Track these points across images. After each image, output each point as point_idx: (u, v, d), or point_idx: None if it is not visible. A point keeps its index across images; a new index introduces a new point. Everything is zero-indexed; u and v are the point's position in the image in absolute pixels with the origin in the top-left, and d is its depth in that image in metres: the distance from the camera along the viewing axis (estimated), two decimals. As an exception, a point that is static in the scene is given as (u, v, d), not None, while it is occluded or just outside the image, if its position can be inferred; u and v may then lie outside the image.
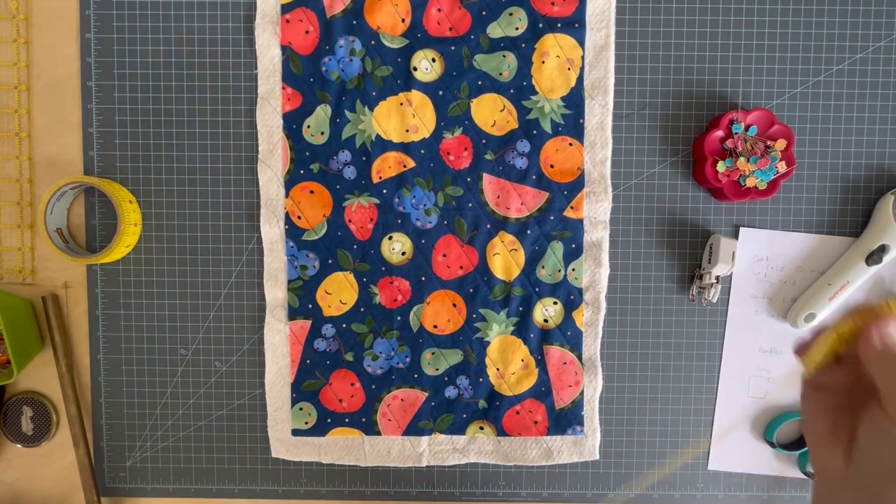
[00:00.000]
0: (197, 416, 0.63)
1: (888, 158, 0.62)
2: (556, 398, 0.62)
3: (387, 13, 0.60)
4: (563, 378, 0.62)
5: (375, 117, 0.60)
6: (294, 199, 0.61)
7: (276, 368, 0.62)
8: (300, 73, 0.60)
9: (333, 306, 0.62)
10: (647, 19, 0.61)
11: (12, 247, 0.63)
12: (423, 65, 0.60)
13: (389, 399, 0.62)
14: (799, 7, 0.61)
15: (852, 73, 0.61)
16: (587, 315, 0.62)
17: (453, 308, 0.61)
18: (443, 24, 0.60)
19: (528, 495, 0.64)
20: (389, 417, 0.62)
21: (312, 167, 0.60)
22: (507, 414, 0.62)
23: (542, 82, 0.60)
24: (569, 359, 0.62)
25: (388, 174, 0.60)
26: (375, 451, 0.63)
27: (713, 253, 0.60)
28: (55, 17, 0.61)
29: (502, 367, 0.62)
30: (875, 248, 0.59)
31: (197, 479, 0.64)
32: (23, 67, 0.62)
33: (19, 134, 0.62)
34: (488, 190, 0.61)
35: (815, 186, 0.62)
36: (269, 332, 0.62)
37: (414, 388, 0.62)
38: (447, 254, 0.61)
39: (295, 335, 0.62)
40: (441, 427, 0.63)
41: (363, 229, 0.61)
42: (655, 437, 0.64)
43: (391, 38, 0.60)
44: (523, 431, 0.62)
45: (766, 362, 0.63)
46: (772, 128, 0.59)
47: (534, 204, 0.61)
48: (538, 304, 0.62)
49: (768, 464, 0.64)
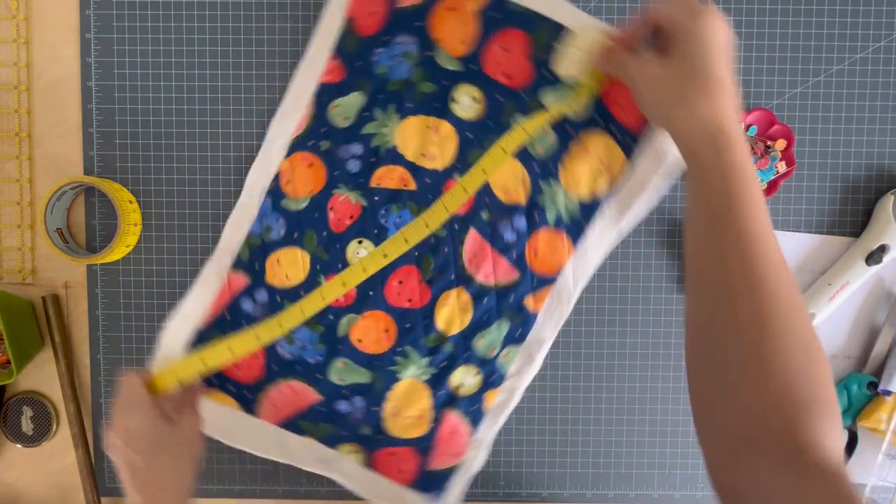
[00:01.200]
0: (197, 416, 0.63)
1: (888, 158, 0.62)
2: (433, 459, 0.60)
3: (452, 29, 0.57)
4: (449, 445, 0.60)
5: (401, 129, 0.58)
6: (292, 164, 0.59)
7: (193, 307, 0.59)
8: (350, 51, 0.58)
9: (278, 277, 0.59)
10: (647, 19, 0.61)
11: (12, 247, 0.63)
12: (464, 100, 0.58)
13: (284, 386, 0.60)
14: (799, 7, 0.61)
15: (852, 73, 0.61)
16: (498, 400, 0.61)
17: (384, 332, 0.59)
18: (501, 65, 0.57)
19: (528, 495, 0.64)
20: (275, 404, 0.60)
21: (322, 144, 0.59)
22: (382, 451, 0.60)
23: (570, 174, 0.57)
24: (463, 431, 0.60)
25: (387, 185, 0.59)
26: (241, 427, 0.60)
27: (713, 253, 0.60)
28: (55, 17, 0.61)
29: (401, 408, 0.60)
30: (875, 248, 0.59)
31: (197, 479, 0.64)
32: (23, 67, 0.62)
33: (19, 134, 0.62)
34: (469, 245, 0.58)
35: (815, 186, 0.62)
36: (208, 271, 0.59)
37: (312, 386, 0.60)
38: (403, 282, 0.59)
39: (229, 285, 0.59)
40: (317, 433, 0.60)
41: (340, 222, 0.59)
42: (655, 437, 0.64)
43: (448, 56, 0.57)
44: (389, 473, 0.60)
45: (766, 362, 0.63)
46: (772, 128, 0.59)
47: (503, 278, 0.59)
48: (460, 368, 0.60)
49: (768, 464, 0.64)
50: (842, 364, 0.63)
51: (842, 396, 0.61)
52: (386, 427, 0.60)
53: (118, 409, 0.51)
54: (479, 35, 0.57)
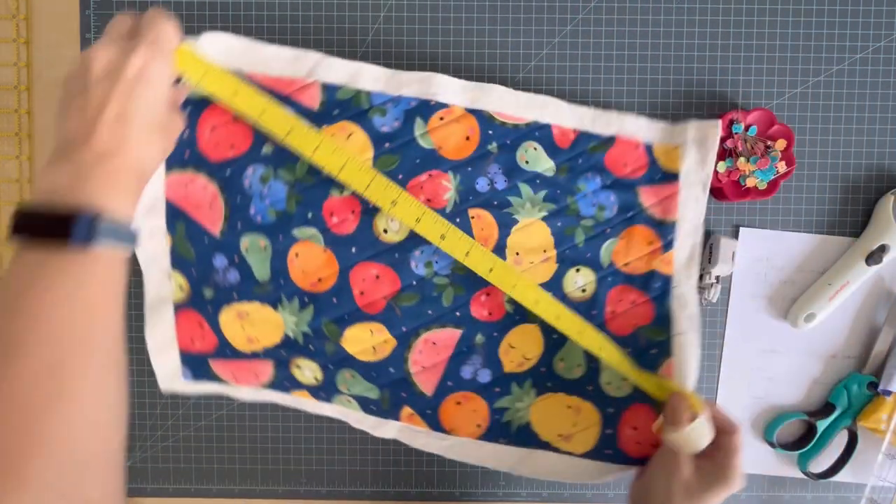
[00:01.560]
0: (197, 416, 0.63)
1: (888, 158, 0.62)
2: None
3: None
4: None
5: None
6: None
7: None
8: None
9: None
10: (647, 19, 0.61)
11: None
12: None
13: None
14: (799, 7, 0.61)
15: (852, 73, 0.61)
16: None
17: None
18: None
19: (528, 495, 0.64)
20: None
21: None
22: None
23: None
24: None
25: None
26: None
27: (713, 253, 0.60)
28: (55, 17, 0.61)
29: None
30: (875, 248, 0.59)
31: (197, 479, 0.64)
32: (23, 67, 0.62)
33: (19, 134, 0.62)
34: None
35: (815, 186, 0.62)
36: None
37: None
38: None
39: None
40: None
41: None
42: (655, 437, 0.64)
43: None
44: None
45: (766, 362, 0.63)
46: (772, 128, 0.59)
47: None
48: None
49: (768, 464, 0.64)
50: (842, 364, 0.63)
51: (842, 396, 0.62)
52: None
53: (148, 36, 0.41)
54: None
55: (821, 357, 0.63)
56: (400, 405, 0.57)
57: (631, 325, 0.56)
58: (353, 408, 0.58)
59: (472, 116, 0.55)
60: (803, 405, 0.63)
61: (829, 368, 0.63)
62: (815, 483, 0.64)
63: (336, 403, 0.58)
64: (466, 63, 0.61)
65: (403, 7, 0.61)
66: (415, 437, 0.58)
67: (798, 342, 0.63)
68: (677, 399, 0.50)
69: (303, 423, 0.64)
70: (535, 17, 0.61)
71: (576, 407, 0.56)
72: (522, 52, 0.61)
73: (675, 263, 0.57)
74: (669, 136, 0.57)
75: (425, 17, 0.61)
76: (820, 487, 0.64)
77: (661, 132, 0.57)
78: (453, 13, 0.61)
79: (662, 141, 0.57)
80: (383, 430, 0.58)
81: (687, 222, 0.57)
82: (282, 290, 0.54)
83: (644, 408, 0.54)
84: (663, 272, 0.57)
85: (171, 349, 0.57)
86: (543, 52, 0.61)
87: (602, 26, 0.61)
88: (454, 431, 0.57)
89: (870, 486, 0.62)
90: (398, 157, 0.53)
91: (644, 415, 0.54)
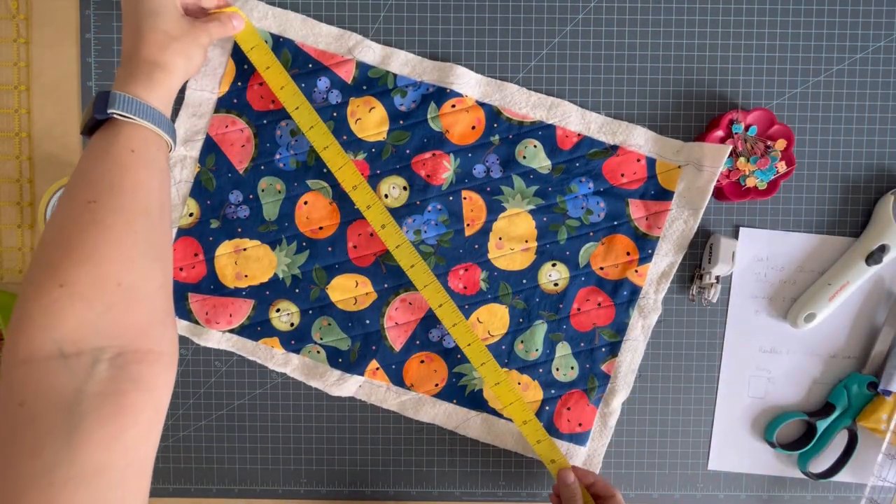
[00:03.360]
0: (197, 416, 0.64)
1: (888, 158, 0.62)
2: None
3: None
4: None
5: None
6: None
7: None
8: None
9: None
10: (647, 19, 0.61)
11: (12, 247, 0.63)
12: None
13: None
14: (799, 7, 0.61)
15: (852, 73, 0.61)
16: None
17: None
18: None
19: (528, 495, 0.64)
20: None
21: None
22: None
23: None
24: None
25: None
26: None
27: (713, 253, 0.60)
28: (55, 17, 0.61)
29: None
30: (875, 248, 0.59)
31: (197, 479, 0.64)
32: (23, 67, 0.62)
33: (19, 134, 0.62)
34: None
35: (815, 186, 0.62)
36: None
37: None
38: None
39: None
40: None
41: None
42: (655, 437, 0.64)
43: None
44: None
45: (766, 362, 0.63)
46: (772, 128, 0.59)
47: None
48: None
49: (768, 464, 0.64)
50: (842, 364, 0.63)
51: (842, 396, 0.62)
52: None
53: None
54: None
55: (821, 357, 0.63)
56: (368, 358, 0.62)
57: (591, 323, 0.62)
58: (320, 360, 0.62)
59: (480, 108, 0.61)
60: (803, 405, 0.64)
61: (829, 368, 0.63)
62: (815, 483, 0.64)
63: (304, 354, 0.62)
64: (467, 63, 0.61)
65: (403, 7, 0.61)
66: (373, 392, 0.63)
67: (798, 342, 0.63)
68: (565, 476, 0.58)
69: (303, 424, 0.64)
70: (535, 17, 0.61)
71: (524, 383, 0.62)
72: (522, 52, 0.61)
73: (648, 277, 0.61)
74: (674, 155, 0.60)
75: (425, 18, 0.61)
76: (820, 487, 0.64)
77: (667, 148, 0.60)
78: (453, 13, 0.61)
79: (666, 158, 0.60)
80: (343, 388, 0.62)
81: (669, 241, 0.61)
82: (284, 232, 0.61)
83: (579, 392, 0.62)
84: (634, 282, 0.61)
85: None
86: (543, 52, 0.61)
87: (602, 26, 0.61)
88: (414, 387, 0.63)
89: (870, 486, 0.62)
90: (409, 133, 0.61)
91: (577, 398, 0.62)
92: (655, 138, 0.61)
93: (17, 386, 0.35)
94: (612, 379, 0.62)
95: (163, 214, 0.45)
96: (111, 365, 0.36)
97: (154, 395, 0.38)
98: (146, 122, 0.46)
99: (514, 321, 0.62)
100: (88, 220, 0.40)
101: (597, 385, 0.62)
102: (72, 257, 0.38)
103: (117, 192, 0.42)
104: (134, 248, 0.41)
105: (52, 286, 0.37)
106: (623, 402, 0.63)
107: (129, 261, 0.40)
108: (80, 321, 0.37)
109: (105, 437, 0.34)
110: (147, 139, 0.46)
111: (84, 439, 0.34)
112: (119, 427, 0.35)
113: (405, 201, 0.61)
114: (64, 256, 0.38)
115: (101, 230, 0.40)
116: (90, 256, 0.39)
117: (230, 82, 0.60)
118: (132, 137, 0.45)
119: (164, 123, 0.48)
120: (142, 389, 0.37)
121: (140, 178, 0.44)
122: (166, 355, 0.40)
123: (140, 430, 0.36)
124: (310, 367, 0.62)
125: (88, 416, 0.34)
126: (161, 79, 0.48)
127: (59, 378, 0.35)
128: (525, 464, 0.64)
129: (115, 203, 0.41)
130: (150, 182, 0.44)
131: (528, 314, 0.62)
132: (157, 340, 0.40)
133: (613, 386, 0.62)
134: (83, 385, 0.35)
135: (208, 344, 0.62)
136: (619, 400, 0.62)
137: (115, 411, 0.35)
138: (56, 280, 0.37)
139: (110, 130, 0.45)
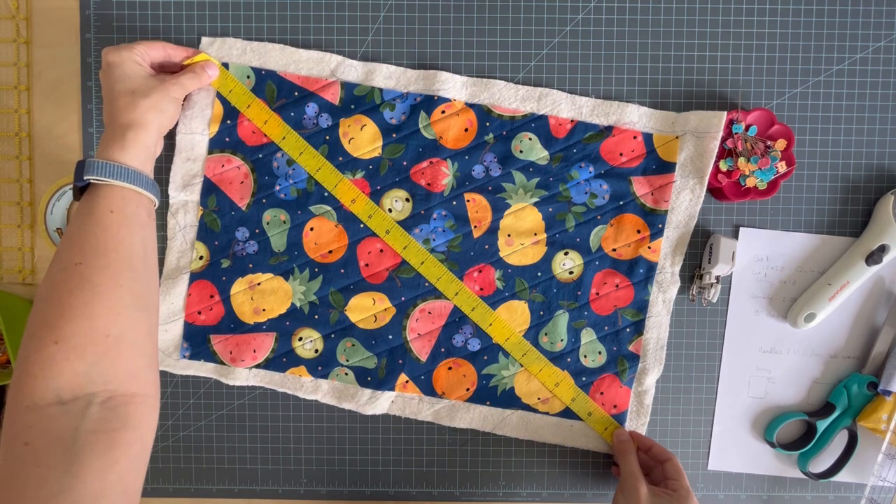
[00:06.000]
0: (197, 416, 0.64)
1: (888, 158, 0.62)
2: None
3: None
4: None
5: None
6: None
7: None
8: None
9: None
10: (647, 19, 0.61)
11: (12, 247, 0.63)
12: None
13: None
14: (799, 7, 0.61)
15: (852, 73, 0.61)
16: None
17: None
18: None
19: (528, 495, 0.64)
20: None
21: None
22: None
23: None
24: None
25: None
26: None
27: (713, 253, 0.60)
28: (55, 17, 0.61)
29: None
30: (875, 248, 0.59)
31: (197, 479, 0.64)
32: (23, 67, 0.62)
33: (19, 134, 0.62)
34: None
35: (815, 186, 0.62)
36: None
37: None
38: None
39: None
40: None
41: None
42: (655, 437, 0.64)
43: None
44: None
45: (766, 362, 0.63)
46: (772, 128, 0.59)
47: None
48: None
49: (768, 464, 0.64)
50: (842, 364, 0.63)
51: (842, 396, 0.62)
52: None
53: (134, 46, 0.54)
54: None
55: (821, 357, 0.63)
56: (396, 372, 0.62)
57: (612, 306, 0.62)
58: (350, 381, 0.62)
59: (470, 110, 0.61)
60: (803, 405, 0.64)
61: (829, 368, 0.63)
62: (815, 483, 0.64)
63: (332, 378, 0.62)
64: (467, 63, 0.61)
65: (403, 7, 0.61)
66: (406, 406, 0.63)
67: (798, 342, 0.63)
68: (620, 434, 0.61)
69: (303, 424, 0.64)
70: (535, 17, 0.61)
71: (554, 375, 0.62)
72: (522, 52, 0.61)
73: (662, 251, 0.61)
74: (670, 126, 0.60)
75: (425, 18, 0.61)
76: (820, 487, 0.64)
77: (662, 121, 0.60)
78: (453, 13, 0.61)
79: (663, 130, 0.61)
80: (376, 405, 0.62)
81: (678, 212, 0.61)
82: (294, 261, 0.62)
83: (610, 377, 0.62)
84: (649, 259, 0.61)
85: (176, 321, 0.62)
86: (543, 52, 0.61)
87: (602, 26, 0.61)
88: (446, 394, 0.63)
89: (870, 486, 0.62)
90: (404, 145, 0.61)
91: (609, 381, 0.62)
92: (650, 113, 0.61)
93: (22, 429, 0.40)
94: (641, 358, 0.62)
95: (147, 266, 0.48)
96: (102, 407, 0.41)
97: (140, 432, 0.43)
98: (122, 182, 0.48)
99: (534, 315, 0.62)
100: (76, 281, 0.44)
101: (627, 366, 0.62)
102: (65, 315, 0.43)
103: (101, 251, 0.46)
104: (120, 302, 0.45)
105: (48, 342, 0.42)
106: (657, 379, 0.62)
107: (116, 314, 0.44)
108: (74, 372, 0.42)
109: (100, 468, 0.39)
110: (125, 198, 0.49)
111: (82, 470, 0.39)
112: (112, 459, 0.40)
113: (409, 213, 0.61)
114: (58, 315, 0.43)
115: (88, 289, 0.44)
116: (81, 313, 0.43)
117: (219, 121, 0.61)
118: (110, 198, 0.48)
119: (141, 180, 0.50)
120: (130, 427, 0.42)
121: (121, 236, 0.47)
122: (151, 397, 0.45)
123: (130, 461, 0.41)
124: (340, 391, 0.62)
125: (85, 450, 0.39)
126: (133, 138, 0.51)
127: (58, 420, 0.40)
128: (525, 464, 0.64)
129: (99, 262, 0.45)
130: (130, 238, 0.48)
131: (548, 306, 0.62)
132: (142, 384, 0.44)
133: (644, 365, 0.62)
134: (79, 424, 0.40)
135: (237, 382, 0.62)
136: (652, 378, 0.62)
137: (109, 446, 0.40)
138: (52, 337, 0.42)
139: (92, 194, 0.48)
